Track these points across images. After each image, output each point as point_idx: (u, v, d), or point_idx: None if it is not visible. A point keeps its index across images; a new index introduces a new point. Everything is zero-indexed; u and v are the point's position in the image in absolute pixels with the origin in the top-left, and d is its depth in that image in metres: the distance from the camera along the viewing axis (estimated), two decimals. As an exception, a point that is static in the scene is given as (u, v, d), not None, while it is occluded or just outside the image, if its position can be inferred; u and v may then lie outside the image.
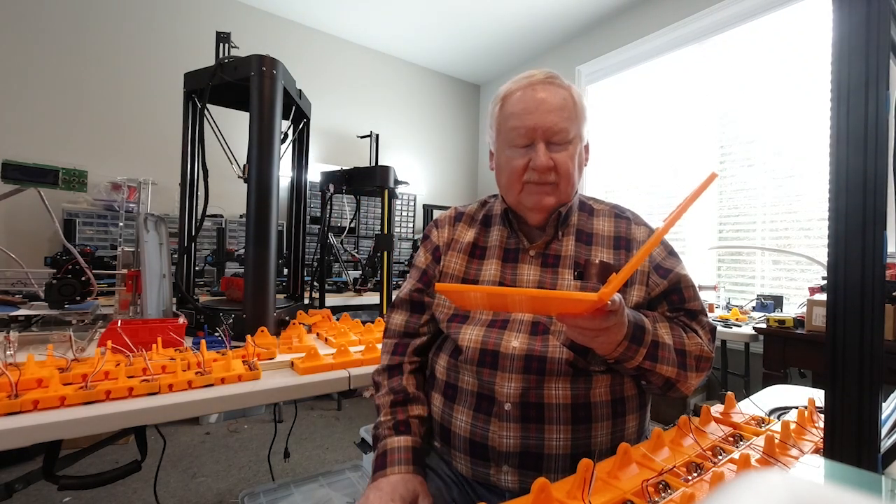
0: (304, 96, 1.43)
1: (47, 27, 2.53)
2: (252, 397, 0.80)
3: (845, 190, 0.43)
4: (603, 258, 0.77)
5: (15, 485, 0.84)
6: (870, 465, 0.42)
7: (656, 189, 2.99)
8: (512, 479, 0.70)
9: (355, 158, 3.53)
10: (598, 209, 0.85)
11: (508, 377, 0.71)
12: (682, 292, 0.77)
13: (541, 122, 0.74)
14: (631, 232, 0.81)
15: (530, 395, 0.70)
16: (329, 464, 2.14)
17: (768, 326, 1.68)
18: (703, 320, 0.77)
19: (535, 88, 0.76)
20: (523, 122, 0.75)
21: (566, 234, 0.81)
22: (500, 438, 0.70)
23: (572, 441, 0.69)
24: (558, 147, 0.75)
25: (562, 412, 0.69)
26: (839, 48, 0.43)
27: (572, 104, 0.76)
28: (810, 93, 2.23)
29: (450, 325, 0.79)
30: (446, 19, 3.32)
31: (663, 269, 0.77)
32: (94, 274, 1.17)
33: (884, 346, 0.43)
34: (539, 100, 0.75)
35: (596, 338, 0.60)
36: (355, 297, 2.32)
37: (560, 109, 0.75)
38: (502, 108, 0.79)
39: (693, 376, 0.72)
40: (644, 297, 0.76)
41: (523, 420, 0.70)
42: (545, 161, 0.74)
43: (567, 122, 0.75)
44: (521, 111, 0.75)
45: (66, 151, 2.57)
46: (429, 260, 0.88)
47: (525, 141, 0.76)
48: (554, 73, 0.79)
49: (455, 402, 0.76)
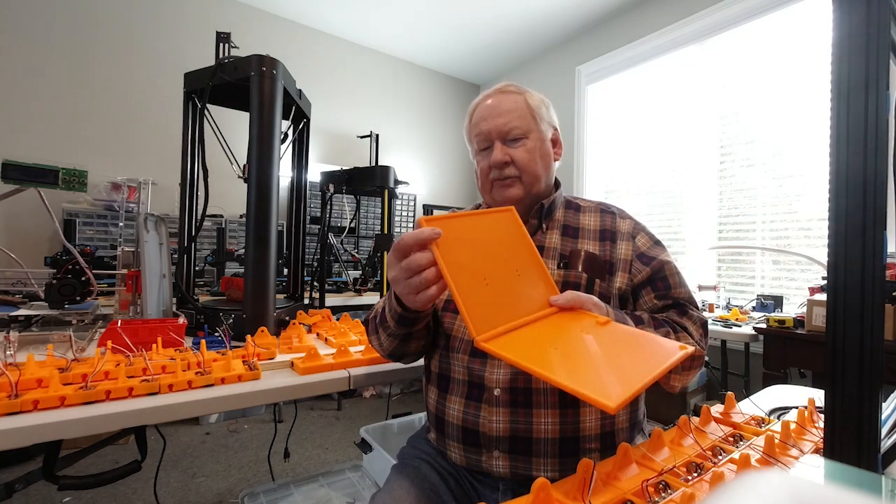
0: (304, 96, 1.42)
1: (47, 27, 2.53)
2: (252, 397, 0.80)
3: (845, 190, 0.43)
4: (589, 249, 0.80)
5: (15, 485, 0.84)
6: (870, 465, 0.42)
7: (656, 189, 2.99)
8: (503, 464, 0.72)
9: (355, 158, 3.53)
10: (585, 206, 0.88)
11: (498, 363, 0.73)
12: (667, 279, 0.78)
13: (493, 125, 0.82)
14: (616, 225, 0.84)
15: (519, 381, 0.72)
16: (329, 464, 2.14)
17: (768, 326, 1.68)
18: (694, 315, 0.77)
19: (490, 97, 0.85)
20: (480, 128, 0.83)
21: (551, 228, 0.84)
22: (491, 423, 0.72)
23: (560, 425, 0.71)
24: (514, 143, 0.82)
25: (549, 396, 0.71)
26: (839, 48, 0.43)
27: (524, 105, 0.84)
28: (810, 93, 2.23)
29: (444, 313, 0.83)
30: (446, 19, 3.32)
31: (647, 256, 0.80)
32: (94, 274, 1.17)
33: (884, 346, 0.43)
34: (492, 106, 0.83)
35: None
36: (355, 297, 2.32)
37: (510, 111, 0.82)
38: (470, 121, 0.88)
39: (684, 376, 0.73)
40: (627, 285, 0.78)
41: (512, 405, 0.72)
42: (500, 156, 0.80)
43: (518, 120, 0.82)
44: (479, 119, 0.84)
45: (66, 151, 2.57)
46: None
47: (485, 143, 0.83)
48: (510, 83, 0.87)
49: (448, 393, 0.79)
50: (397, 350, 0.80)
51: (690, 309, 0.78)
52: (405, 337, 0.76)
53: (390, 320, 0.74)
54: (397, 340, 0.77)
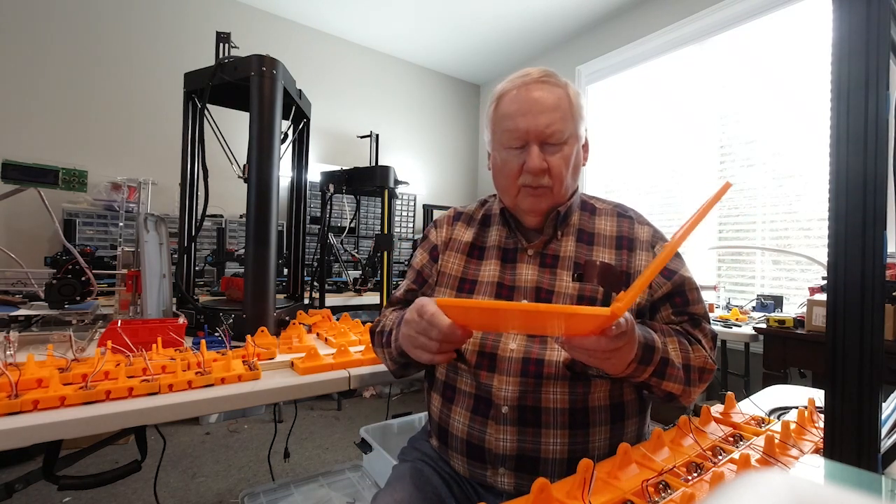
0: (304, 96, 1.42)
1: (47, 27, 2.53)
2: (252, 397, 0.80)
3: (845, 190, 0.43)
4: (604, 259, 0.76)
5: (15, 485, 0.84)
6: (870, 465, 0.42)
7: (656, 189, 2.99)
8: (508, 481, 0.70)
9: (355, 158, 3.52)
10: (601, 208, 0.83)
11: (506, 380, 0.70)
12: (685, 294, 0.75)
13: (534, 124, 0.72)
14: (634, 232, 0.79)
15: (528, 399, 0.69)
16: (329, 464, 2.14)
17: (768, 326, 1.67)
18: (707, 328, 0.75)
19: (530, 88, 0.74)
20: (517, 123, 0.73)
21: (566, 234, 0.80)
22: (497, 441, 0.70)
23: (569, 445, 0.69)
24: (553, 148, 0.74)
25: (559, 416, 0.69)
26: (839, 48, 0.43)
27: (567, 103, 0.75)
28: (810, 93, 2.23)
29: None
30: (446, 19, 3.32)
31: (668, 270, 0.76)
32: (94, 274, 1.17)
33: (884, 346, 0.43)
34: (533, 100, 0.73)
35: (606, 360, 0.57)
36: (355, 297, 2.32)
37: (554, 110, 0.73)
38: (497, 108, 0.78)
39: (696, 390, 0.71)
40: (646, 300, 0.75)
41: (520, 423, 0.69)
42: (538, 163, 0.73)
43: (561, 122, 0.73)
44: (514, 112, 0.74)
45: (66, 151, 2.57)
46: (425, 259, 0.88)
47: (519, 143, 0.74)
48: (550, 70, 0.77)
49: (453, 403, 0.76)
50: (397, 371, 0.81)
51: (704, 322, 0.75)
52: (406, 365, 0.78)
53: (394, 350, 0.75)
54: (397, 365, 0.79)
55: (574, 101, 0.76)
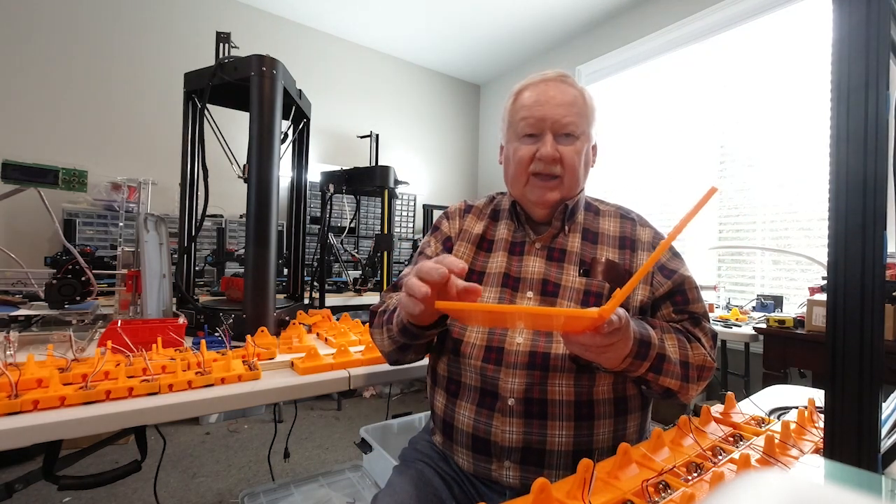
0: (304, 96, 1.42)
1: (47, 27, 2.53)
2: (252, 397, 0.80)
3: (845, 190, 0.43)
4: (609, 257, 0.78)
5: (15, 485, 0.84)
6: (870, 465, 0.42)
7: (656, 189, 2.99)
8: (513, 474, 0.71)
9: (355, 158, 3.52)
10: (604, 210, 0.86)
11: (512, 373, 0.71)
12: (686, 293, 0.77)
13: (550, 114, 0.76)
14: (636, 233, 0.81)
15: (534, 391, 0.70)
16: (329, 464, 2.14)
17: (768, 326, 1.68)
18: (707, 327, 0.77)
19: (548, 84, 0.79)
20: (533, 112, 0.77)
21: (572, 231, 0.82)
22: (503, 434, 0.71)
23: (574, 438, 0.70)
24: (566, 140, 0.77)
25: (565, 409, 0.70)
26: (839, 48, 0.43)
27: (582, 102, 0.79)
28: (810, 93, 2.23)
29: (454, 321, 0.80)
30: (446, 19, 3.32)
31: (668, 269, 0.78)
32: (94, 274, 1.17)
33: (884, 346, 0.43)
34: (550, 94, 0.77)
35: (601, 354, 0.60)
36: (355, 297, 2.32)
37: (570, 105, 0.77)
38: (514, 102, 0.81)
39: (694, 387, 0.72)
40: (648, 297, 0.76)
41: (526, 416, 0.70)
42: (551, 151, 0.75)
43: (576, 117, 0.77)
44: (531, 103, 0.78)
45: (66, 151, 2.57)
46: (439, 249, 0.89)
47: (534, 130, 0.77)
48: (567, 73, 0.82)
49: (458, 398, 0.77)
50: (393, 354, 0.80)
51: (704, 321, 0.77)
52: (404, 346, 0.77)
53: (395, 326, 0.74)
54: (395, 346, 0.77)
55: (589, 104, 0.80)
